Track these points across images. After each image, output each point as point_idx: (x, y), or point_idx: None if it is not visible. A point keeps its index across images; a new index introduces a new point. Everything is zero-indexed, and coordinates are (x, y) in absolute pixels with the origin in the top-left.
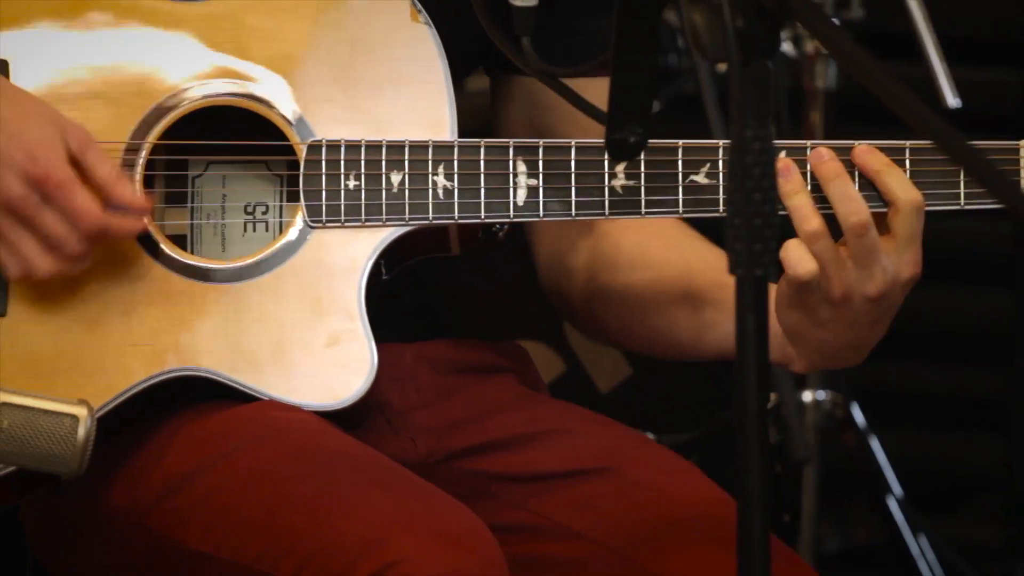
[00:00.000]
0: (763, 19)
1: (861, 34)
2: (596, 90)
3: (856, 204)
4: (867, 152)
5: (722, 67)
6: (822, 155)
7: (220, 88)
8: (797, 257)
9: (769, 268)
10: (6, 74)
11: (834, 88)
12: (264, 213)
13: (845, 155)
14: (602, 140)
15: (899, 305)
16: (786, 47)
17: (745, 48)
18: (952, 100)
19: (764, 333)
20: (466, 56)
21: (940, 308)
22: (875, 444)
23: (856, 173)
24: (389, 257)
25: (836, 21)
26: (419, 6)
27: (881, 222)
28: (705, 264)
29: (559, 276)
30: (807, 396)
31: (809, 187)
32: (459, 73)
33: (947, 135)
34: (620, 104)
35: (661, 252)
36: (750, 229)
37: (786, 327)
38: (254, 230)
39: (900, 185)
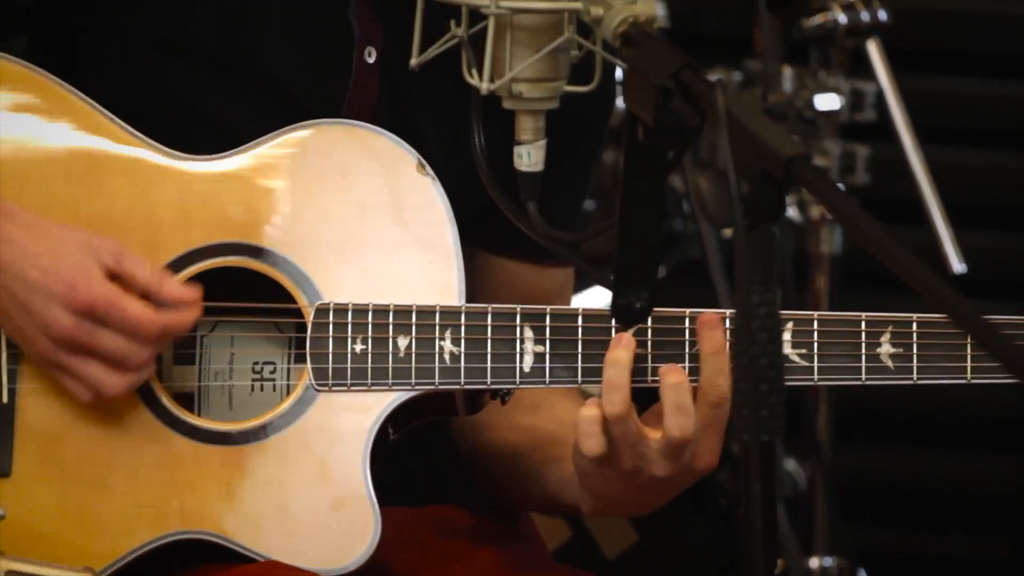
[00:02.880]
0: (768, 185)
1: (866, 199)
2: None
3: (618, 394)
4: (708, 332)
5: (728, 232)
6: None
7: (229, 249)
8: (585, 433)
9: (776, 434)
10: None
11: (840, 253)
12: (272, 372)
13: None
14: (608, 308)
15: (690, 484)
16: (791, 212)
17: (751, 213)
18: (958, 266)
19: (771, 500)
20: (464, 223)
21: (946, 475)
22: None
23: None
24: (396, 419)
25: (841, 186)
26: (424, 163)
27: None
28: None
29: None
30: (814, 562)
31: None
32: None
33: (953, 302)
34: (626, 269)
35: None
36: (757, 395)
37: (578, 469)
38: (261, 390)
39: (714, 374)
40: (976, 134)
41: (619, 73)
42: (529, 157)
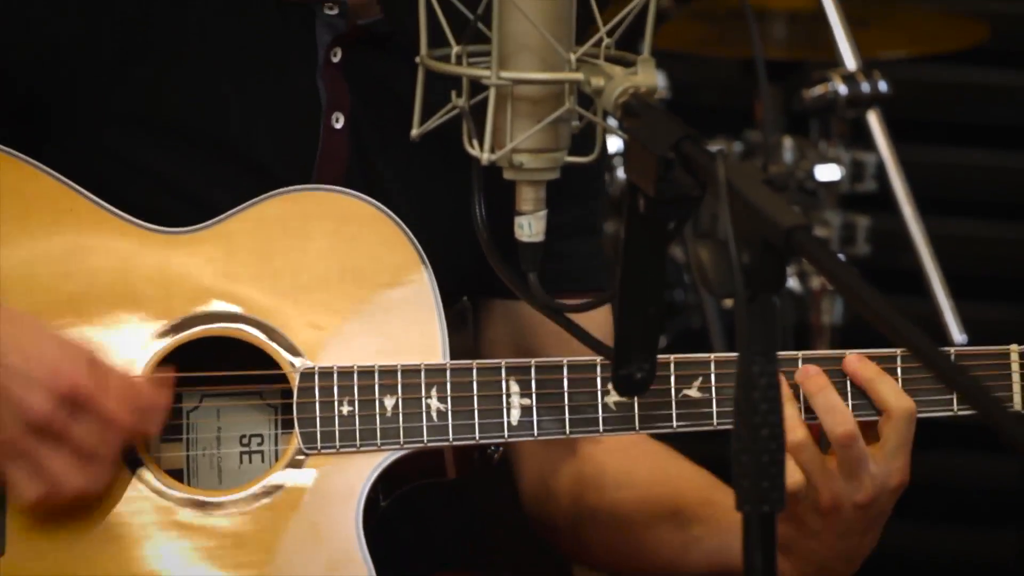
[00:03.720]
0: (769, 255)
1: (867, 270)
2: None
3: (842, 415)
4: (858, 361)
5: (728, 303)
6: (808, 371)
7: (211, 318)
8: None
9: (777, 505)
10: None
11: (840, 324)
12: (260, 444)
13: (837, 364)
14: (592, 357)
15: (887, 513)
16: (792, 283)
17: (751, 284)
18: (958, 336)
19: (772, 570)
20: (454, 284)
21: (947, 550)
22: None
23: (848, 382)
24: (386, 483)
25: (842, 257)
26: (400, 222)
27: (868, 430)
28: (690, 482)
29: (544, 500)
30: None
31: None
32: (448, 299)
33: (954, 375)
34: (627, 339)
35: (646, 472)
36: (757, 466)
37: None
38: (250, 461)
39: (892, 393)
40: (976, 205)
41: (620, 144)
42: (530, 227)
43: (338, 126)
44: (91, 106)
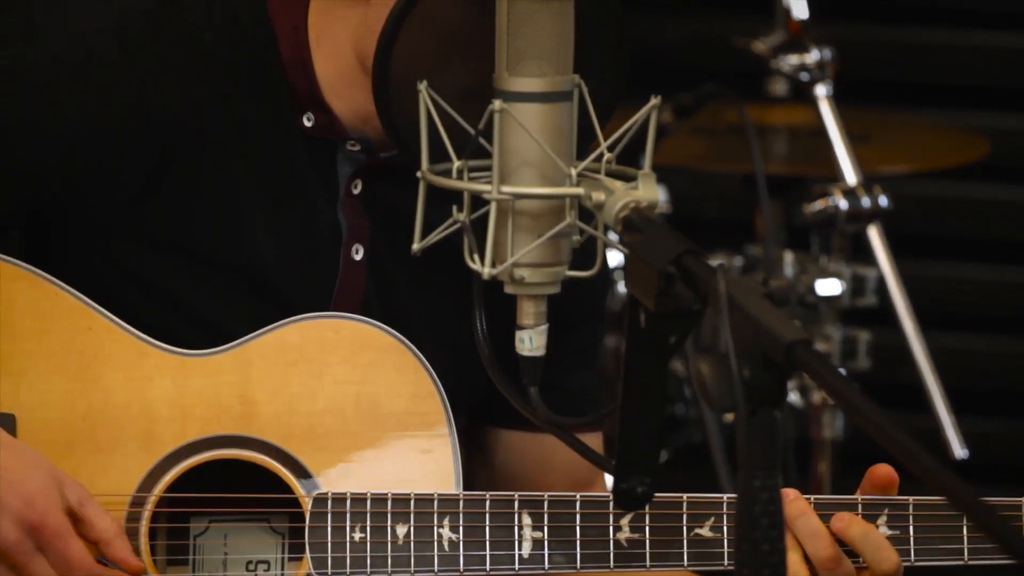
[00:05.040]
0: (770, 370)
1: (868, 385)
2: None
3: (824, 540)
4: (847, 525)
5: (730, 417)
6: (787, 494)
7: (226, 442)
8: None
9: None
10: (13, 427)
11: (842, 438)
12: (266, 570)
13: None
14: (606, 494)
15: None
16: (793, 397)
17: (752, 399)
18: (959, 451)
19: None
20: (469, 408)
21: None
22: None
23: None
24: None
25: (843, 372)
26: (416, 351)
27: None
28: None
29: None
30: None
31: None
32: (464, 425)
33: (955, 488)
34: (628, 454)
35: None
36: None
37: None
38: None
39: (876, 551)
40: (977, 320)
41: (621, 258)
42: (531, 342)
43: (358, 257)
44: (111, 228)
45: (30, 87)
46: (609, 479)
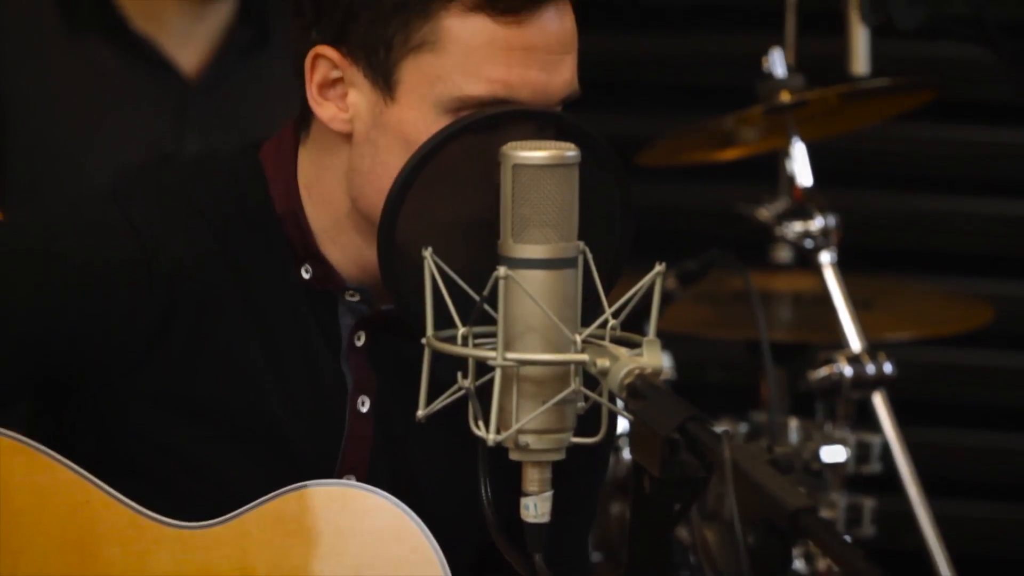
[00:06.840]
0: (775, 537)
1: (873, 551)
2: None
3: None
4: None
5: None
6: None
7: None
8: None
9: None
10: None
11: None
12: None
13: None
14: None
15: None
16: (798, 564)
17: (757, 566)
18: None
19: None
20: (465, 559)
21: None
22: None
23: None
24: None
25: (848, 539)
26: (420, 522)
27: None
28: None
29: None
30: None
31: None
32: None
33: None
34: None
35: None
36: None
37: None
38: None
39: None
40: (982, 487)
41: (626, 424)
42: (536, 508)
43: (364, 409)
44: (118, 387)
45: (28, 254)
46: None
